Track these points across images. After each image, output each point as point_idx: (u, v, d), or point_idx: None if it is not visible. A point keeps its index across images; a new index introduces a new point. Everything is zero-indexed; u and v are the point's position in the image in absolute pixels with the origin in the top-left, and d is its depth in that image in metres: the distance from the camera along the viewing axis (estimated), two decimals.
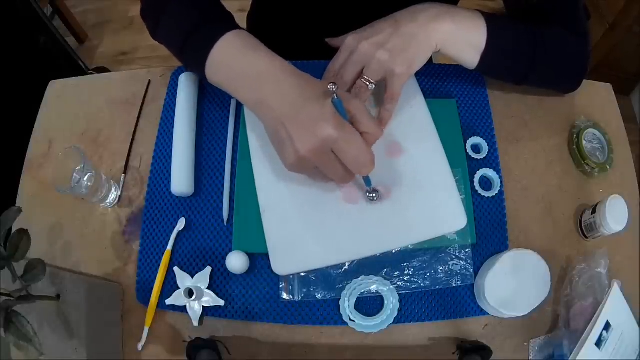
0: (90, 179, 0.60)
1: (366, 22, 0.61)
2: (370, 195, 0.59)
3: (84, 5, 2.01)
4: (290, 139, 0.49)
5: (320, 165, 0.51)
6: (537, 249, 0.58)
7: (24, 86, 1.08)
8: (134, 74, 0.75)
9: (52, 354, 0.51)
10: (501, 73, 0.65)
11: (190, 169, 0.64)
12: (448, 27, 0.57)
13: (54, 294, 0.53)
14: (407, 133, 0.64)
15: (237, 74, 0.52)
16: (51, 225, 0.65)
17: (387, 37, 0.56)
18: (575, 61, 0.65)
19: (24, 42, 1.37)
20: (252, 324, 0.59)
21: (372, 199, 0.59)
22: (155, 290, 0.59)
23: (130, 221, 0.64)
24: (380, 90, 0.61)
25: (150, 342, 0.59)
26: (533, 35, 0.60)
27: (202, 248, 0.62)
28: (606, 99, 0.74)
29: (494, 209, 0.64)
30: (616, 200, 0.59)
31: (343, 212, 0.60)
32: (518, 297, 0.56)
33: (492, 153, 0.67)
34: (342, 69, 0.60)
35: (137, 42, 1.94)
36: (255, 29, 1.00)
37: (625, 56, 1.57)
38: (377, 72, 0.57)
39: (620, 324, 0.56)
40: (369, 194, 0.59)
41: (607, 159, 0.67)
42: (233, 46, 0.52)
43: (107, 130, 0.70)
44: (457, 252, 0.61)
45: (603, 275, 0.58)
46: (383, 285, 0.59)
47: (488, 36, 0.57)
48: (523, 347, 0.59)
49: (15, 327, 0.44)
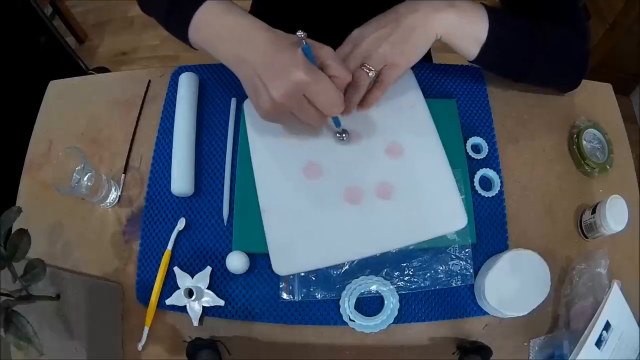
0: (90, 179, 0.60)
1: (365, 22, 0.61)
2: (340, 136, 0.63)
3: (84, 5, 2.01)
4: (264, 86, 0.52)
5: (294, 109, 0.54)
6: (537, 249, 0.58)
7: (24, 86, 1.08)
8: (134, 74, 0.75)
9: (52, 354, 0.51)
10: (501, 67, 0.65)
11: (190, 169, 0.64)
12: (449, 18, 0.57)
13: (54, 294, 0.53)
14: (407, 133, 0.64)
15: (216, 33, 0.56)
16: (51, 225, 0.65)
17: (389, 30, 0.57)
18: (576, 59, 0.65)
19: (24, 42, 1.37)
20: (252, 324, 0.59)
21: (342, 139, 0.63)
22: (155, 290, 0.59)
23: (130, 221, 0.64)
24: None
25: (150, 342, 0.59)
26: (534, 30, 0.60)
27: (202, 248, 0.62)
28: (606, 99, 0.74)
29: (494, 209, 0.64)
30: (616, 200, 0.59)
31: (343, 212, 0.60)
32: (518, 297, 0.56)
33: (492, 153, 0.67)
34: (345, 62, 0.60)
35: (137, 42, 1.94)
36: None
37: (625, 56, 1.57)
38: (378, 63, 0.58)
39: (620, 324, 0.56)
40: (338, 134, 0.63)
41: (607, 159, 0.67)
42: (213, 9, 0.56)
43: (107, 130, 0.70)
44: (457, 252, 0.61)
45: (603, 275, 0.58)
46: (383, 286, 0.59)
47: (489, 28, 0.58)
48: (523, 347, 0.59)
49: (15, 327, 0.44)
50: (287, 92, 0.51)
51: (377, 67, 0.58)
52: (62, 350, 0.52)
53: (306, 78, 0.50)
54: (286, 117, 0.56)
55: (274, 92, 0.51)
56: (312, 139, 0.64)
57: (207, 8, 0.56)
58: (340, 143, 0.63)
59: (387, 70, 0.59)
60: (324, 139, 0.64)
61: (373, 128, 0.64)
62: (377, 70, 0.59)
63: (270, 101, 0.52)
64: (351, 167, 0.62)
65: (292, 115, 0.55)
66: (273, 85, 0.51)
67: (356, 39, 0.59)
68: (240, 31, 0.54)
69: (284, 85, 0.51)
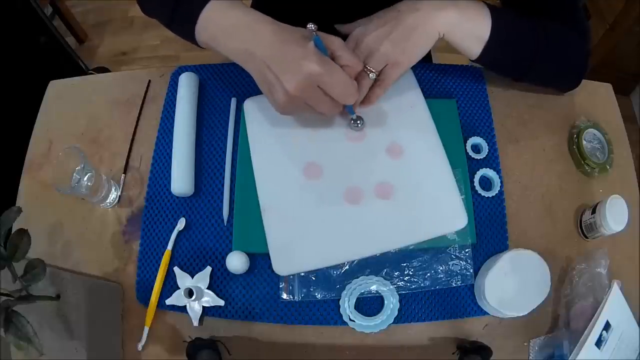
0: (90, 179, 0.60)
1: None
2: (355, 123, 0.63)
3: (84, 5, 2.01)
4: (277, 80, 0.52)
5: (309, 100, 0.54)
6: (537, 249, 0.58)
7: (24, 86, 1.08)
8: (134, 74, 0.75)
9: (52, 354, 0.51)
10: (502, 66, 0.65)
11: (190, 169, 0.64)
12: (451, 16, 0.57)
13: (54, 294, 0.53)
14: (408, 133, 0.64)
15: (223, 30, 0.56)
16: (51, 225, 0.65)
17: (390, 29, 0.57)
18: (576, 59, 0.65)
19: (24, 42, 1.37)
20: (252, 324, 0.59)
21: (357, 126, 0.63)
22: (155, 290, 0.59)
23: (130, 221, 0.64)
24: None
25: (150, 342, 0.59)
26: (536, 29, 0.60)
27: (202, 248, 0.62)
28: (606, 99, 0.74)
29: (494, 209, 0.64)
30: (616, 200, 0.59)
31: (343, 212, 0.60)
32: (518, 297, 0.56)
33: (492, 153, 0.67)
34: None
35: (137, 42, 1.94)
36: None
37: (625, 56, 1.57)
38: (379, 63, 0.58)
39: (620, 324, 0.56)
40: (352, 121, 0.63)
41: (607, 159, 0.67)
42: (218, 7, 0.56)
43: (107, 130, 0.70)
44: (457, 252, 0.61)
45: (603, 275, 0.58)
46: (383, 286, 0.59)
47: (492, 27, 0.58)
48: (523, 347, 0.59)
49: (15, 327, 0.44)
50: (301, 84, 0.51)
51: (378, 66, 0.58)
52: (62, 350, 0.52)
53: (319, 69, 0.51)
54: (302, 107, 0.56)
55: (288, 85, 0.51)
56: (313, 139, 0.64)
57: (213, 6, 0.56)
58: (353, 130, 0.64)
59: (389, 69, 0.59)
60: (324, 139, 0.64)
61: (373, 128, 0.64)
62: (378, 70, 0.59)
63: (284, 94, 0.52)
64: (351, 167, 0.62)
65: (307, 106, 0.55)
66: (287, 79, 0.51)
67: (357, 38, 0.59)
68: (246, 26, 0.55)
69: (297, 78, 0.51)
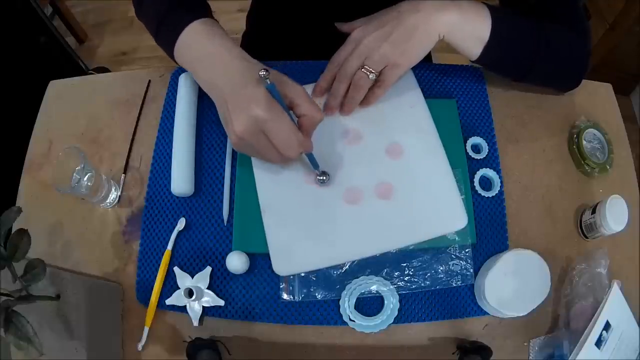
0: (90, 179, 0.60)
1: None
2: (320, 179, 0.60)
3: (84, 5, 2.01)
4: (229, 118, 0.52)
5: (255, 145, 0.53)
6: (537, 249, 0.58)
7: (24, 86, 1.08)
8: (134, 74, 0.75)
9: (52, 354, 0.51)
10: (502, 67, 0.65)
11: (190, 169, 0.64)
12: (452, 17, 0.57)
13: (54, 294, 0.53)
14: (407, 133, 0.64)
15: (195, 57, 0.57)
16: (51, 225, 0.65)
17: (391, 29, 0.57)
18: (576, 59, 0.65)
19: (24, 42, 1.37)
20: (252, 324, 0.59)
21: (322, 182, 0.61)
22: (155, 290, 0.59)
23: (130, 221, 0.64)
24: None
25: (150, 342, 0.59)
26: (536, 29, 0.60)
27: (202, 248, 0.62)
28: (606, 99, 0.74)
29: (494, 209, 0.64)
30: (616, 200, 0.59)
31: (343, 212, 0.60)
32: (518, 297, 0.56)
33: (492, 153, 0.67)
34: (346, 61, 0.60)
35: (137, 42, 1.94)
36: (255, 29, 1.00)
37: (625, 56, 1.57)
38: (379, 64, 0.58)
39: (620, 324, 0.56)
40: (318, 176, 0.60)
41: (607, 159, 0.67)
42: (197, 33, 0.56)
43: (107, 130, 0.70)
44: (457, 252, 0.61)
45: (603, 275, 0.58)
46: (383, 286, 0.59)
47: (492, 28, 0.58)
48: (523, 347, 0.59)
49: (15, 327, 0.44)
50: (247, 128, 0.51)
51: (378, 67, 0.58)
52: (62, 350, 0.52)
53: (264, 115, 0.50)
54: (251, 151, 0.56)
55: (236, 125, 0.51)
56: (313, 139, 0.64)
57: (191, 30, 0.56)
58: (321, 186, 0.61)
59: (389, 70, 0.59)
60: (324, 139, 0.64)
61: (373, 128, 0.64)
62: (378, 71, 0.59)
63: (233, 134, 0.52)
64: (351, 167, 0.62)
65: (255, 151, 0.55)
66: (236, 119, 0.51)
67: (356, 39, 0.59)
68: (218, 58, 0.55)
69: (244, 121, 0.51)
